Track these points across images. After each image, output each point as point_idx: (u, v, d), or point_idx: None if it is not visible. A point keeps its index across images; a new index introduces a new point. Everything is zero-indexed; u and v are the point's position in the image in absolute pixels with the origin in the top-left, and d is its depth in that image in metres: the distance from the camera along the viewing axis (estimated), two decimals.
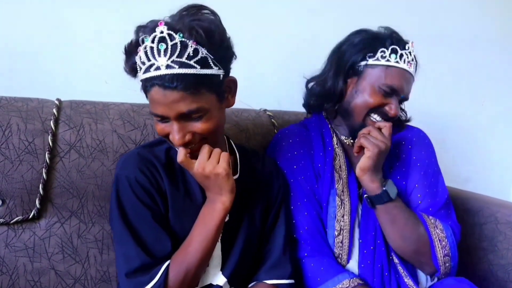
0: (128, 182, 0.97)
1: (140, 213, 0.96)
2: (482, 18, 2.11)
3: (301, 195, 1.18)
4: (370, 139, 1.13)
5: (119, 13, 1.44)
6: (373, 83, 1.18)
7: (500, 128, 2.24)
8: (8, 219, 1.11)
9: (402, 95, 1.18)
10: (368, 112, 1.19)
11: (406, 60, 1.18)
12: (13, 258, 1.11)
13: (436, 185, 1.25)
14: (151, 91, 0.90)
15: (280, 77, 1.70)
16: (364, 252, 1.17)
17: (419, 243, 1.15)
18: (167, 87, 0.87)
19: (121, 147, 1.18)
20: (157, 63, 0.87)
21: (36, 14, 1.35)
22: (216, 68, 0.92)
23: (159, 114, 0.91)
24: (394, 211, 1.15)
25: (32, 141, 1.11)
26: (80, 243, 1.16)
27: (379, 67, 1.18)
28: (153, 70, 0.88)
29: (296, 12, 1.72)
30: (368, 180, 1.14)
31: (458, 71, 2.09)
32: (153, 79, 0.88)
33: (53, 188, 1.14)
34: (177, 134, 0.91)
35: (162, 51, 0.87)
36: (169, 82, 0.87)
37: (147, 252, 0.94)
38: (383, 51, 1.17)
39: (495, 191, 1.77)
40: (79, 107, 1.20)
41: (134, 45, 0.94)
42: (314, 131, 1.26)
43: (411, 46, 1.20)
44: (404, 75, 1.18)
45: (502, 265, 1.35)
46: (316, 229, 1.16)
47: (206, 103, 0.91)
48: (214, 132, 0.95)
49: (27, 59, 1.36)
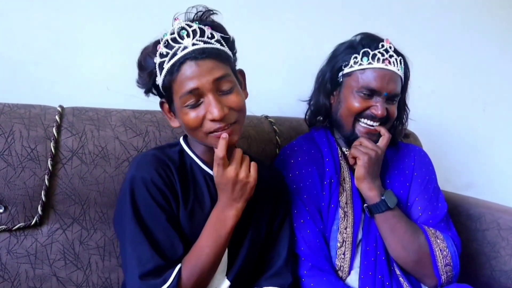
0: (144, 183, 0.96)
1: (155, 215, 0.96)
2: (482, 23, 2.12)
3: (304, 214, 1.17)
4: (360, 149, 1.18)
5: (121, 21, 1.45)
6: (352, 89, 1.20)
7: (501, 133, 2.24)
8: (10, 225, 1.11)
9: (384, 93, 1.18)
10: (356, 118, 1.21)
11: (381, 58, 1.18)
12: (15, 264, 1.11)
13: (437, 199, 1.25)
14: (181, 70, 0.93)
15: (281, 83, 1.71)
16: (364, 263, 1.17)
17: (419, 253, 1.15)
18: (198, 58, 0.93)
19: (123, 153, 1.18)
20: (183, 44, 0.94)
21: (39, 21, 1.36)
22: (231, 52, 1.00)
23: (194, 87, 0.92)
24: (393, 220, 1.16)
25: (35, 148, 1.12)
26: (82, 249, 1.16)
27: (354, 73, 1.20)
28: (181, 51, 0.93)
29: (298, 19, 1.73)
30: (366, 188, 1.17)
31: (459, 77, 2.10)
32: (183, 57, 0.93)
33: (55, 195, 1.14)
34: (215, 107, 0.92)
35: (185, 35, 0.94)
36: (199, 54, 0.93)
37: (161, 254, 0.93)
38: (356, 57, 1.20)
39: (497, 197, 1.76)
40: (81, 114, 1.20)
41: (151, 48, 0.99)
42: (323, 145, 1.27)
43: (386, 43, 1.20)
44: (380, 73, 1.18)
45: (505, 271, 1.35)
46: (318, 246, 1.16)
47: (232, 75, 0.98)
48: (243, 112, 0.99)
49: (30, 66, 1.37)
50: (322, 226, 1.18)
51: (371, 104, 1.19)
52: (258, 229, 1.09)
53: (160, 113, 1.29)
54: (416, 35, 1.95)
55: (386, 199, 1.15)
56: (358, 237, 1.20)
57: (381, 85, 1.17)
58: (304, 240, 1.15)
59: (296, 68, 1.66)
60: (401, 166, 1.30)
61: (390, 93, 1.19)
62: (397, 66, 1.19)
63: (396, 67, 1.19)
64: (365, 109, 1.19)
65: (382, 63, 1.18)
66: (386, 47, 1.19)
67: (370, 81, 1.18)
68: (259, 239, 1.09)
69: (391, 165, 1.29)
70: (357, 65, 1.20)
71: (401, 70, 1.21)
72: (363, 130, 1.21)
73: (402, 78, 1.23)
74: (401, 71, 1.21)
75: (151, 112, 1.28)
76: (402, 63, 1.22)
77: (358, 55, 1.20)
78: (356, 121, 1.22)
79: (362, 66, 1.19)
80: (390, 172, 1.28)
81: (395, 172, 1.28)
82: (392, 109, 1.21)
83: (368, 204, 1.18)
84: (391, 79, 1.18)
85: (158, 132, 1.23)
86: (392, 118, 1.22)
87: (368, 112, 1.19)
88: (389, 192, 1.18)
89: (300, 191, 1.19)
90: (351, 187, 1.23)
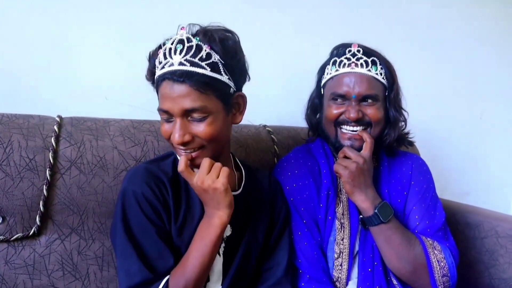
0: (135, 197, 0.97)
1: (145, 229, 0.96)
2: (480, 31, 2.14)
3: (302, 226, 1.17)
4: (341, 163, 1.18)
5: (119, 32, 1.46)
6: (327, 98, 1.24)
7: (499, 141, 2.25)
8: (8, 236, 1.11)
9: (353, 95, 1.18)
10: (336, 125, 1.23)
11: (347, 63, 1.20)
12: (12, 275, 1.10)
13: (434, 208, 1.25)
14: (161, 86, 0.95)
15: (279, 93, 1.71)
16: (362, 274, 1.17)
17: (415, 263, 1.14)
18: (175, 81, 0.92)
19: (122, 163, 1.18)
20: (171, 60, 0.93)
21: (37, 32, 1.37)
22: (226, 77, 0.96)
23: (165, 109, 0.95)
24: (388, 232, 1.15)
25: (33, 158, 1.12)
26: (80, 260, 1.16)
27: (327, 82, 1.25)
28: (167, 66, 0.94)
29: (296, 28, 1.74)
30: (359, 200, 1.17)
31: (456, 85, 2.11)
32: (165, 74, 0.94)
33: (53, 205, 1.14)
34: (177, 132, 0.94)
35: (178, 51, 0.93)
36: (178, 76, 0.92)
37: (149, 267, 0.93)
38: (327, 68, 1.24)
39: (495, 204, 1.77)
40: (80, 124, 1.21)
41: (156, 49, 1.00)
42: (320, 156, 1.27)
43: (353, 48, 1.21)
44: (345, 77, 1.20)
45: (503, 279, 1.35)
46: (315, 258, 1.16)
47: (210, 105, 0.94)
48: (215, 140, 0.97)
49: (28, 77, 1.37)
50: (319, 238, 1.18)
51: (344, 110, 1.20)
52: (254, 237, 1.09)
53: (158, 122, 1.29)
54: (413, 43, 1.96)
55: (380, 213, 1.14)
56: (355, 248, 1.20)
57: (347, 88, 1.19)
58: (301, 252, 1.15)
59: (294, 77, 1.66)
60: (399, 174, 1.29)
61: (360, 94, 1.18)
62: (366, 67, 1.19)
63: (365, 68, 1.19)
64: (340, 115, 1.21)
65: (347, 67, 1.20)
66: (353, 51, 1.21)
67: (336, 87, 1.21)
68: (255, 248, 1.09)
69: (389, 174, 1.29)
70: (328, 75, 1.24)
71: (374, 70, 1.19)
72: (345, 136, 1.22)
73: (377, 79, 1.20)
74: (375, 71, 1.20)
75: (149, 122, 1.29)
76: (376, 63, 1.20)
77: (329, 65, 1.24)
78: (337, 128, 1.23)
79: (331, 75, 1.23)
80: (387, 181, 1.27)
81: (393, 182, 1.28)
82: (370, 110, 1.20)
83: (363, 217, 1.18)
84: (358, 81, 1.19)
85: (156, 142, 1.23)
86: (374, 120, 1.20)
87: (343, 117, 1.21)
88: (384, 205, 1.16)
89: (297, 203, 1.19)
90: (347, 198, 1.22)
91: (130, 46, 1.46)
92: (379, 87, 1.21)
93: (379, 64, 1.21)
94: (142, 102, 1.43)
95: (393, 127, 1.26)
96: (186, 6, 1.53)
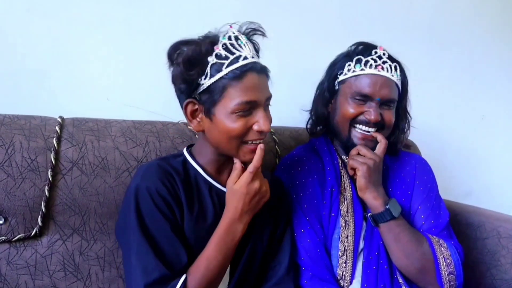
0: (149, 193, 0.97)
1: (160, 225, 0.96)
2: (481, 31, 2.13)
3: (305, 223, 1.18)
4: (357, 159, 1.18)
5: (121, 32, 1.46)
6: (346, 95, 1.23)
7: (500, 141, 2.24)
8: (10, 236, 1.11)
9: (377, 98, 1.19)
10: (351, 124, 1.23)
11: (374, 64, 1.20)
12: (14, 275, 1.11)
13: (439, 208, 1.26)
14: (244, 78, 0.95)
15: (281, 93, 1.69)
16: (367, 272, 1.17)
17: (423, 260, 1.14)
18: (260, 72, 0.98)
19: (123, 164, 1.18)
20: (243, 54, 0.96)
21: (39, 33, 1.37)
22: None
23: (253, 100, 0.96)
24: (398, 229, 1.16)
25: (35, 159, 1.12)
26: (82, 260, 1.16)
27: (348, 79, 1.23)
28: (242, 60, 0.96)
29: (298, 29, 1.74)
30: (370, 197, 1.17)
31: (458, 86, 2.11)
32: (248, 65, 0.96)
33: (55, 206, 1.14)
34: (267, 121, 0.98)
35: (243, 45, 0.97)
36: (261, 68, 0.99)
37: (166, 264, 0.93)
38: (349, 65, 1.23)
39: (497, 205, 1.76)
40: (82, 125, 1.21)
41: (206, 45, 0.96)
42: (324, 154, 1.28)
43: (379, 50, 1.22)
44: (372, 79, 1.20)
45: (505, 280, 1.35)
46: (318, 255, 1.16)
47: None
48: None
49: (30, 78, 1.37)
50: (322, 235, 1.18)
51: (365, 110, 1.20)
52: (260, 239, 1.09)
53: (160, 123, 1.30)
54: (415, 44, 1.96)
55: (391, 208, 1.15)
56: (359, 246, 1.20)
57: (374, 90, 1.19)
58: (304, 249, 1.15)
59: (296, 78, 1.66)
60: (402, 174, 1.30)
61: (383, 98, 1.20)
62: (390, 72, 1.21)
63: (389, 73, 1.21)
64: (359, 114, 1.21)
65: (374, 69, 1.20)
66: (379, 54, 1.21)
67: (363, 87, 1.20)
68: (260, 248, 1.09)
69: (392, 173, 1.30)
70: (350, 72, 1.23)
71: (396, 76, 1.22)
72: (359, 136, 1.22)
73: (398, 84, 1.23)
74: (396, 77, 1.22)
75: (151, 122, 1.29)
76: (397, 69, 1.23)
77: (351, 63, 1.23)
78: (351, 127, 1.23)
79: (355, 73, 1.22)
80: (391, 180, 1.28)
81: (397, 181, 1.29)
82: (387, 114, 1.22)
83: (373, 214, 1.18)
84: (383, 85, 1.20)
85: (158, 142, 1.23)
86: (388, 124, 1.23)
87: (362, 117, 1.21)
88: (393, 201, 1.18)
89: (301, 200, 1.20)
90: (351, 195, 1.23)
91: (132, 47, 1.47)
92: (397, 93, 1.24)
93: (399, 70, 1.23)
94: (144, 103, 1.45)
95: (401, 132, 1.29)
96: (186, 6, 1.53)
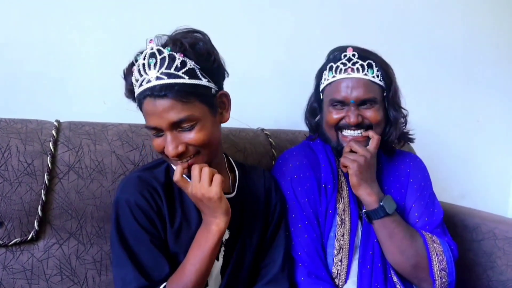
0: (128, 206, 0.97)
1: (139, 237, 0.97)
2: (477, 34, 2.15)
3: (302, 218, 1.18)
4: (348, 157, 1.18)
5: (117, 35, 1.46)
6: (327, 104, 1.25)
7: (496, 144, 2.25)
8: (6, 241, 1.11)
9: (351, 101, 1.19)
10: (337, 130, 1.24)
11: (343, 68, 1.20)
12: (11, 280, 1.10)
13: (433, 205, 1.27)
14: (143, 104, 0.93)
15: (277, 96, 1.72)
16: (363, 271, 1.18)
17: (417, 257, 1.15)
18: (156, 96, 0.91)
19: (120, 167, 1.18)
20: (148, 76, 0.91)
21: (35, 36, 1.37)
22: (205, 80, 0.95)
23: (152, 126, 0.94)
24: (392, 226, 1.16)
25: (31, 163, 1.12)
26: (79, 264, 1.16)
27: (326, 88, 1.25)
28: (145, 83, 0.92)
29: (294, 32, 1.74)
30: (364, 194, 1.17)
31: (453, 88, 2.12)
32: (145, 91, 0.92)
33: (51, 210, 1.14)
34: (170, 145, 0.93)
35: (152, 65, 0.91)
36: (158, 91, 0.90)
37: (144, 275, 0.94)
38: (324, 74, 1.25)
39: (493, 207, 1.78)
40: (78, 128, 1.21)
41: (130, 66, 0.98)
42: (321, 153, 1.28)
43: (348, 52, 1.21)
44: (342, 84, 1.20)
45: (501, 281, 1.35)
46: (315, 252, 1.16)
47: (196, 112, 0.93)
48: (208, 145, 0.96)
49: (26, 81, 1.37)
50: (319, 231, 1.19)
51: (344, 115, 1.21)
52: (249, 238, 1.09)
53: None
54: (411, 46, 1.97)
55: (385, 205, 1.16)
56: (355, 245, 1.20)
57: (346, 94, 1.19)
58: (301, 245, 1.16)
59: (292, 81, 1.67)
60: (397, 172, 1.31)
61: (358, 99, 1.19)
62: (363, 72, 1.20)
63: (361, 72, 1.20)
64: (341, 119, 1.22)
65: (344, 73, 1.20)
66: (348, 56, 1.21)
67: (334, 93, 1.21)
68: (249, 248, 1.09)
69: (387, 171, 1.30)
70: (326, 80, 1.24)
71: (370, 73, 1.20)
72: (346, 139, 1.22)
73: (374, 81, 1.21)
74: (371, 74, 1.20)
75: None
76: (372, 66, 1.21)
77: (326, 71, 1.25)
78: (338, 132, 1.24)
79: (328, 81, 1.23)
80: (386, 178, 1.29)
81: (391, 179, 1.29)
82: (369, 113, 1.21)
83: (367, 210, 1.18)
84: (355, 86, 1.19)
85: None
86: (375, 121, 1.21)
87: (343, 122, 1.22)
88: (388, 198, 1.18)
89: (299, 194, 1.20)
90: (348, 194, 1.23)
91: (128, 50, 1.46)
92: (377, 90, 1.22)
93: (375, 66, 1.21)
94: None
95: (394, 126, 1.27)
96: (184, 8, 1.53)
